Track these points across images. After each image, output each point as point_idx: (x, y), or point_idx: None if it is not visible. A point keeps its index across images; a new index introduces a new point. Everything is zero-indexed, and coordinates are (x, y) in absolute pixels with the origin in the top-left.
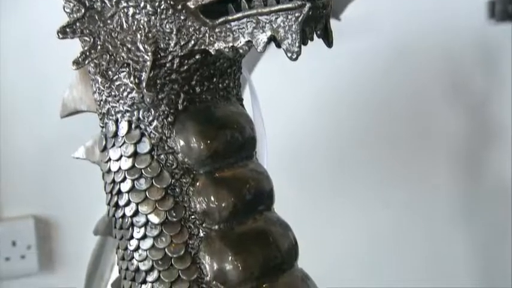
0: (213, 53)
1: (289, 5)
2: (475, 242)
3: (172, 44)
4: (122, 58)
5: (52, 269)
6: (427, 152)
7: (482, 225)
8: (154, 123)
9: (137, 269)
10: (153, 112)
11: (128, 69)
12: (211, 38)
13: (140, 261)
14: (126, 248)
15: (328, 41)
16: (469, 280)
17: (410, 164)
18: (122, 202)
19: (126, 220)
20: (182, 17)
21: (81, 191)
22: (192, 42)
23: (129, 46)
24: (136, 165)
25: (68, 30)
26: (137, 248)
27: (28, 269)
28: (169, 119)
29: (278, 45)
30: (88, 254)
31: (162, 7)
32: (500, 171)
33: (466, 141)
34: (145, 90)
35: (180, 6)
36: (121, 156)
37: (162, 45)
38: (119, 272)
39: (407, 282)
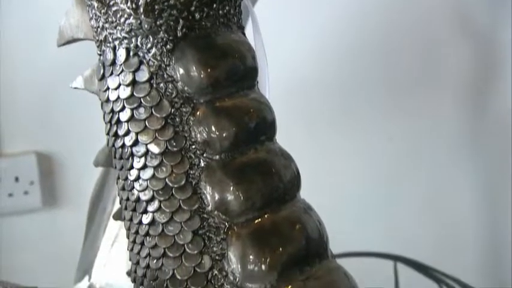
0: None
1: None
2: (477, 176)
3: None
4: None
5: (55, 205)
6: (431, 87)
7: (485, 159)
8: (153, 50)
9: (138, 199)
10: (151, 39)
11: None
12: None
13: (141, 191)
14: (126, 178)
15: None
16: (471, 214)
17: (414, 99)
18: (121, 132)
19: (126, 150)
20: None
21: (84, 126)
22: None
23: None
24: (135, 94)
25: None
26: (137, 178)
27: (31, 204)
28: (168, 46)
29: None
30: (91, 189)
31: None
32: (505, 105)
33: (470, 75)
34: (143, 16)
35: None
36: (119, 84)
37: None
38: (120, 203)
39: (409, 215)
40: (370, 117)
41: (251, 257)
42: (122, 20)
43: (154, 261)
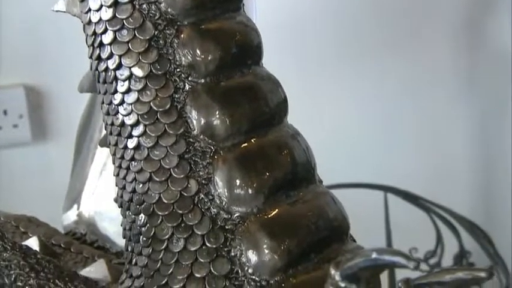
0: None
1: None
2: (472, 112)
3: None
4: None
5: (44, 138)
6: (426, 24)
7: (480, 95)
8: None
9: (122, 124)
10: None
11: None
12: None
13: (125, 115)
14: (110, 103)
15: None
16: (464, 147)
17: (411, 36)
18: (104, 55)
19: (110, 73)
20: None
21: (73, 60)
22: None
23: None
24: (117, 15)
25: None
26: (122, 102)
27: (21, 138)
28: None
29: None
30: None
31: None
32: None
33: (466, 10)
34: None
35: None
36: (101, 5)
37: None
38: (105, 128)
39: (401, 149)
40: (366, 55)
41: (237, 181)
42: None
43: (141, 185)
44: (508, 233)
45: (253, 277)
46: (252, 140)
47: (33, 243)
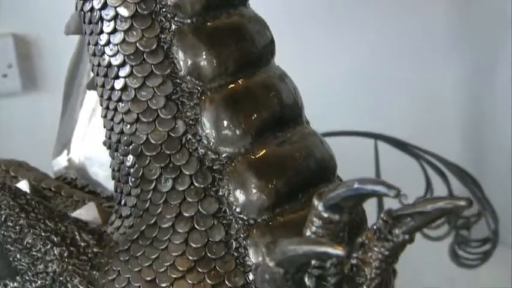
0: None
1: None
2: (462, 59)
3: None
4: None
5: (35, 88)
6: None
7: (473, 46)
8: None
9: (109, 64)
10: None
11: None
12: None
13: (112, 56)
14: (96, 43)
15: None
16: (454, 94)
17: None
18: None
19: (95, 13)
20: None
21: (61, 8)
22: None
23: None
24: None
25: None
26: (108, 42)
27: (11, 87)
28: None
29: None
30: None
31: None
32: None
33: None
34: None
35: None
36: None
37: None
38: (91, 70)
39: (391, 96)
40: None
41: (225, 121)
42: None
43: (128, 126)
44: (496, 178)
45: (241, 216)
46: (239, 81)
47: (23, 186)
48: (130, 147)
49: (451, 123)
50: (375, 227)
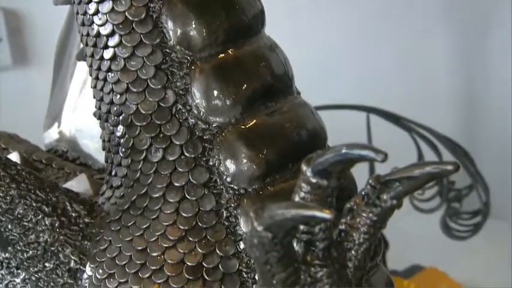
0: None
1: None
2: (454, 30)
3: None
4: None
5: (25, 62)
6: None
7: (463, 16)
8: None
9: (98, 34)
10: None
11: None
12: None
13: (100, 25)
14: (85, 13)
15: None
16: (446, 66)
17: None
18: None
19: None
20: None
21: None
22: None
23: None
24: None
25: None
26: (96, 11)
27: (1, 62)
28: None
29: None
30: None
31: None
32: None
33: None
34: None
35: None
36: None
37: None
38: (81, 40)
39: (383, 69)
40: None
41: (215, 91)
42: None
43: (118, 96)
44: (488, 151)
45: (232, 185)
46: (229, 51)
47: (14, 158)
48: (120, 117)
49: (444, 96)
50: (363, 193)
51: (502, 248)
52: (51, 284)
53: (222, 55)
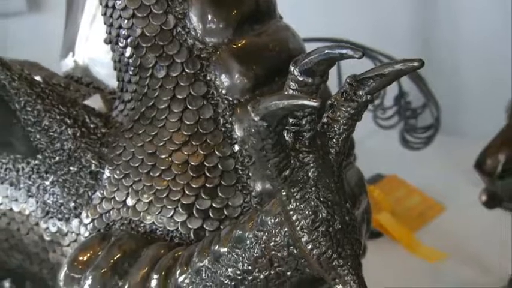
0: None
1: None
2: None
3: None
4: None
5: (39, 8)
6: None
7: None
8: None
9: None
10: None
11: None
12: None
13: None
14: None
15: None
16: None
17: None
18: None
19: None
20: None
21: None
22: None
23: None
24: None
25: None
26: None
27: (17, 7)
28: None
29: None
30: None
31: None
32: None
33: None
34: None
35: None
36: None
37: None
38: None
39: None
40: None
41: (209, 15)
42: None
43: (125, 21)
44: (439, 75)
45: (226, 96)
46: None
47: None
48: (128, 40)
49: (401, 26)
50: (341, 90)
51: (452, 159)
52: (76, 184)
53: None
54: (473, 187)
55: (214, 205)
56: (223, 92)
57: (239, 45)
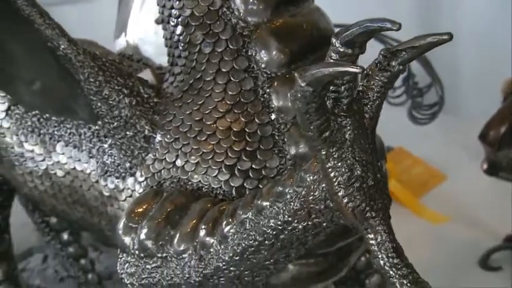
0: None
1: None
2: None
3: None
4: None
5: None
6: None
7: None
8: None
9: None
10: None
11: None
12: None
13: None
14: None
15: None
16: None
17: None
18: None
19: None
20: None
21: None
22: None
23: None
24: None
25: None
26: None
27: None
28: None
29: None
30: None
31: None
32: None
33: None
34: None
35: None
36: None
37: None
38: None
39: None
40: None
41: None
42: None
43: (177, 2)
44: (443, 57)
45: (265, 70)
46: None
47: None
48: (179, 19)
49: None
50: (376, 61)
51: (452, 134)
52: (131, 147)
53: None
54: (471, 159)
55: (253, 166)
56: (263, 66)
57: (277, 24)
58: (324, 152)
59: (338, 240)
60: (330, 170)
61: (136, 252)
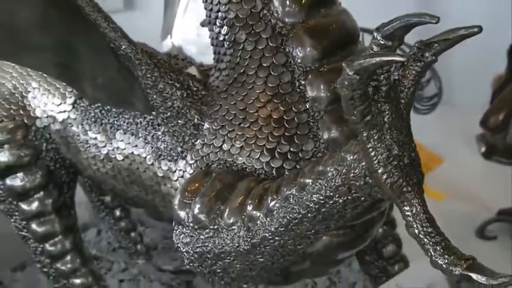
0: None
1: None
2: None
3: None
4: None
5: (134, 7)
6: None
7: None
8: None
9: None
10: None
11: None
12: None
13: None
14: None
15: None
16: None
17: None
18: None
19: None
20: None
21: None
22: None
23: None
24: None
25: None
26: None
27: (114, 6)
28: None
29: None
30: None
31: None
32: None
33: None
34: None
35: None
36: None
37: None
38: None
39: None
40: None
41: (288, 1)
42: None
43: (223, 6)
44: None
45: (301, 65)
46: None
47: None
48: (225, 21)
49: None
50: (411, 53)
51: (449, 123)
52: (182, 134)
53: None
54: (465, 144)
55: (291, 149)
56: (298, 61)
57: (310, 24)
58: (365, 134)
59: (364, 214)
60: (370, 150)
61: (191, 224)
